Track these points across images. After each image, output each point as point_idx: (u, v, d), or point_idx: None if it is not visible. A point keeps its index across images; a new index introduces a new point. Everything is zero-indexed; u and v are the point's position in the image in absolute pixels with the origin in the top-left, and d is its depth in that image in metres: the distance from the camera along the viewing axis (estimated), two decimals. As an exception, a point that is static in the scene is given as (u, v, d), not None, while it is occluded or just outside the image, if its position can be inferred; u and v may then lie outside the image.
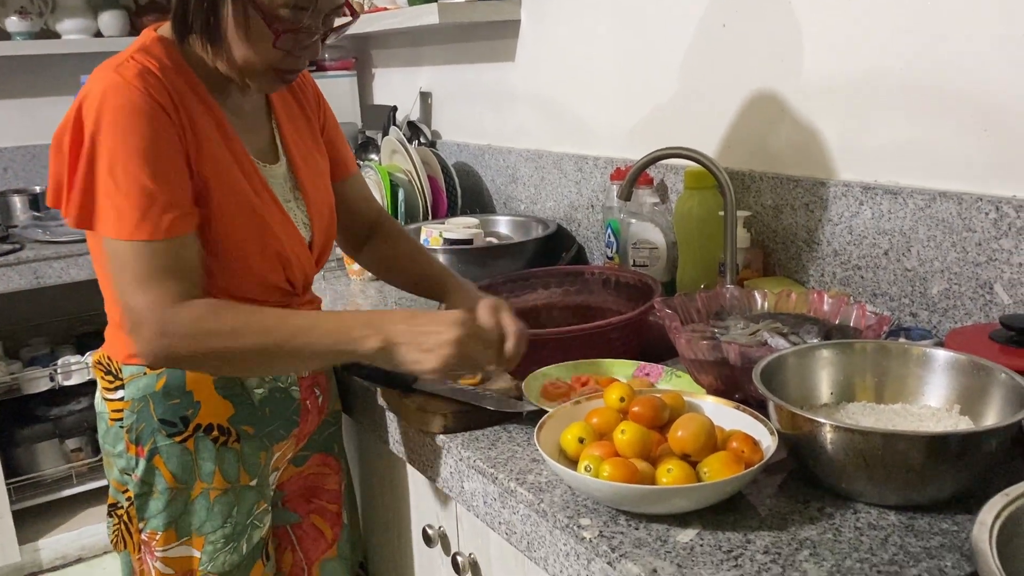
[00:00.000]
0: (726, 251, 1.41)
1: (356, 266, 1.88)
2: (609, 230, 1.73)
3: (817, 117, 1.40)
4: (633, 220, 1.67)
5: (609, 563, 0.86)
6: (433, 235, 1.85)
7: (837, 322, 1.24)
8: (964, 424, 0.98)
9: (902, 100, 1.28)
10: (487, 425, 1.14)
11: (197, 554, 1.16)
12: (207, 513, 1.16)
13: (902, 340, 1.21)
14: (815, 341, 1.18)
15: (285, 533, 1.32)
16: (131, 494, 1.15)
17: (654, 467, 0.92)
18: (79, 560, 2.63)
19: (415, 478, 1.29)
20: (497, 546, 1.12)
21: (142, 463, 1.14)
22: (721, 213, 1.48)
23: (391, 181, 2.02)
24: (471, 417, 1.14)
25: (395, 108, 2.37)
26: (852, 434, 0.86)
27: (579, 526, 0.90)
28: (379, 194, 2.03)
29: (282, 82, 1.11)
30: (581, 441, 0.98)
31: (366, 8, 2.36)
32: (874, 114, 1.32)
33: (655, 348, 1.55)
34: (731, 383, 1.15)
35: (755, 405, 1.07)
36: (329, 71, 2.56)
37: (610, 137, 1.82)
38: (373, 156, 2.27)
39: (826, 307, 1.27)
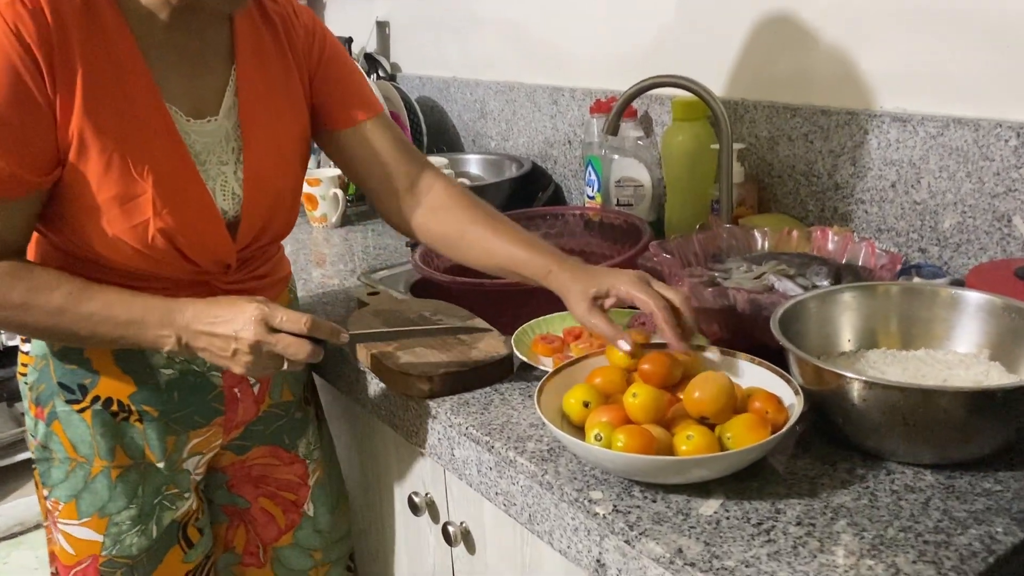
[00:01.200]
0: (721, 187, 1.31)
1: (318, 212, 1.76)
2: (590, 168, 1.63)
3: (817, 40, 1.30)
4: (616, 156, 1.57)
5: (627, 541, 0.78)
6: (400, 177, 1.73)
7: (844, 261, 1.16)
8: (996, 371, 0.90)
9: (910, 20, 1.18)
10: (476, 387, 1.05)
11: (98, 538, 1.06)
12: (109, 493, 1.05)
13: (917, 280, 1.13)
14: (826, 283, 1.09)
15: (236, 511, 1.21)
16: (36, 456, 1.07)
17: (670, 432, 0.84)
18: (38, 526, 2.52)
19: (398, 443, 1.20)
20: (493, 515, 1.04)
21: (42, 427, 1.05)
22: (714, 146, 1.38)
23: (352, 119, 1.88)
24: (459, 379, 1.04)
25: (350, 40, 2.21)
26: (889, 391, 0.79)
27: (590, 500, 0.82)
28: (339, 134, 1.89)
29: None
30: (586, 405, 0.89)
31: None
32: (879, 36, 1.22)
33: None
34: (738, 332, 1.07)
35: (766, 356, 0.99)
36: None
37: (588, 67, 1.70)
38: (330, 93, 2.12)
39: (831, 245, 1.19)
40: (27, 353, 1.07)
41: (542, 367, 1.06)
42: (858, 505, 0.78)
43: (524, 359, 1.07)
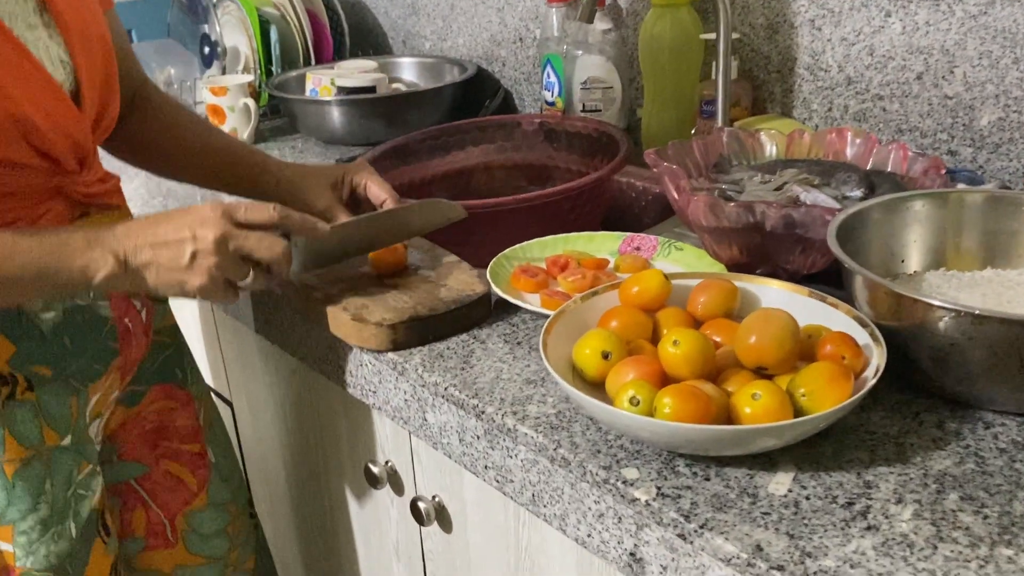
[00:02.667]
0: (717, 83, 1.11)
1: (227, 126, 1.49)
2: (548, 68, 1.40)
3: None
4: (580, 52, 1.35)
5: (682, 535, 0.59)
6: (323, 83, 1.47)
7: (869, 167, 0.98)
8: (1090, 293, 0.75)
9: None
10: (450, 334, 0.84)
11: (8, 547, 0.83)
12: (7, 495, 0.82)
13: (961, 185, 0.96)
14: (857, 194, 0.92)
15: (130, 489, 0.99)
16: None
17: (721, 389, 0.65)
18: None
19: (348, 403, 0.99)
20: (477, 489, 0.84)
21: None
22: (704, 36, 1.17)
23: (260, 18, 1.60)
24: (429, 325, 0.83)
25: (253, -73, 1.89)
26: (1008, 326, 0.61)
27: (624, 481, 0.63)
28: (246, 36, 1.61)
29: None
30: (606, 357, 0.69)
31: None
32: None
33: (616, 217, 1.27)
34: (761, 256, 0.89)
35: (787, 280, 0.81)
36: None
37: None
38: (233, -11, 1.81)
39: (851, 149, 1.01)
40: None
41: (529, 307, 0.85)
42: (964, 471, 0.62)
43: (506, 297, 0.87)
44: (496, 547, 0.85)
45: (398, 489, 0.96)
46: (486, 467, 0.76)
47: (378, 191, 0.93)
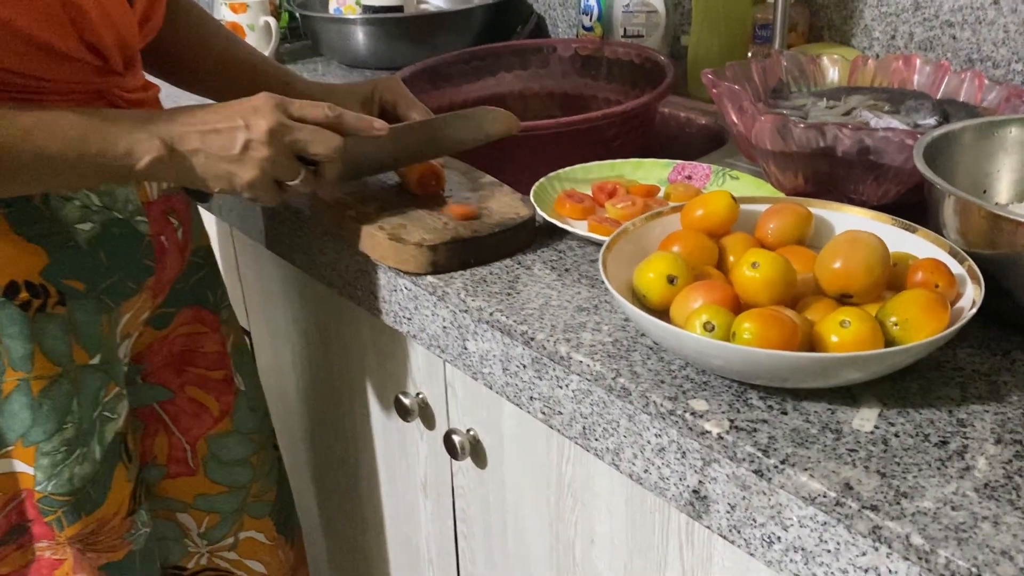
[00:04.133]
0: (777, 6, 1.04)
1: (247, 47, 1.41)
2: (587, -9, 1.32)
3: None
4: (623, -27, 1.27)
5: (759, 471, 0.54)
6: (347, 2, 1.40)
7: (939, 97, 0.92)
8: None
9: None
10: (493, 259, 0.79)
11: (28, 470, 0.78)
12: (32, 414, 0.77)
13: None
14: (931, 122, 0.86)
15: (153, 414, 0.94)
16: None
17: (803, 317, 0.60)
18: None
19: (377, 329, 0.94)
20: (517, 422, 0.79)
21: None
22: (762, -46, 1.10)
23: (282, -68, 1.52)
24: (471, 248, 0.77)
25: None
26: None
27: (693, 413, 0.58)
28: (267, -50, 1.52)
29: None
30: (672, 281, 0.63)
31: None
32: None
33: (663, 150, 1.20)
34: (828, 182, 0.83)
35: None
36: None
37: None
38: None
39: (920, 77, 0.94)
40: None
41: (578, 232, 0.80)
42: (1067, 412, 0.57)
43: (553, 221, 0.81)
44: (535, 483, 0.80)
45: (429, 423, 0.91)
46: (531, 398, 0.71)
47: (410, 107, 0.87)
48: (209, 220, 1.17)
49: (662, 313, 0.64)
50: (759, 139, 0.83)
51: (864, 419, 0.56)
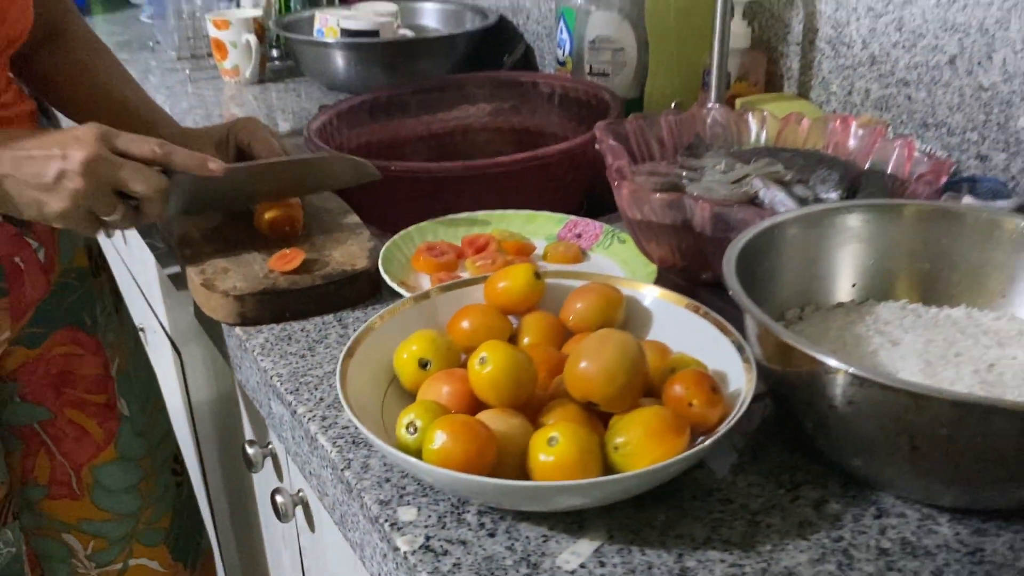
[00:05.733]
0: (712, 51, 0.95)
1: (228, 63, 1.42)
2: (562, 23, 1.26)
3: None
4: (594, 8, 1.19)
5: (432, 603, 0.48)
6: (329, 24, 1.38)
7: (868, 166, 0.81)
8: (1077, 355, 0.57)
9: None
10: (313, 313, 0.74)
11: None
12: None
13: (968, 200, 0.78)
14: (833, 196, 0.75)
15: (33, 433, 0.94)
16: None
17: (534, 424, 0.53)
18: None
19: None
20: (327, 492, 0.74)
21: None
22: (711, -4, 1.01)
23: (283, -49, 1.52)
24: (285, 300, 0.73)
25: None
26: (893, 395, 0.46)
27: (394, 524, 0.52)
28: (268, -32, 1.53)
29: None
30: (424, 366, 0.57)
31: None
32: None
33: (607, 192, 1.13)
34: (696, 258, 0.74)
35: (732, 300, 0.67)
36: None
37: None
38: (277, -79, 1.74)
39: (853, 141, 0.83)
40: None
41: (403, 291, 0.74)
42: (820, 573, 0.47)
43: (386, 279, 0.75)
44: (345, 558, 0.75)
45: (280, 475, 0.87)
46: (310, 473, 0.66)
47: (263, 149, 0.84)
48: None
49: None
50: (623, 205, 0.75)
51: (574, 554, 0.49)
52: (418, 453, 0.50)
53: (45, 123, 0.99)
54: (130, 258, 1.36)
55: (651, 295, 0.62)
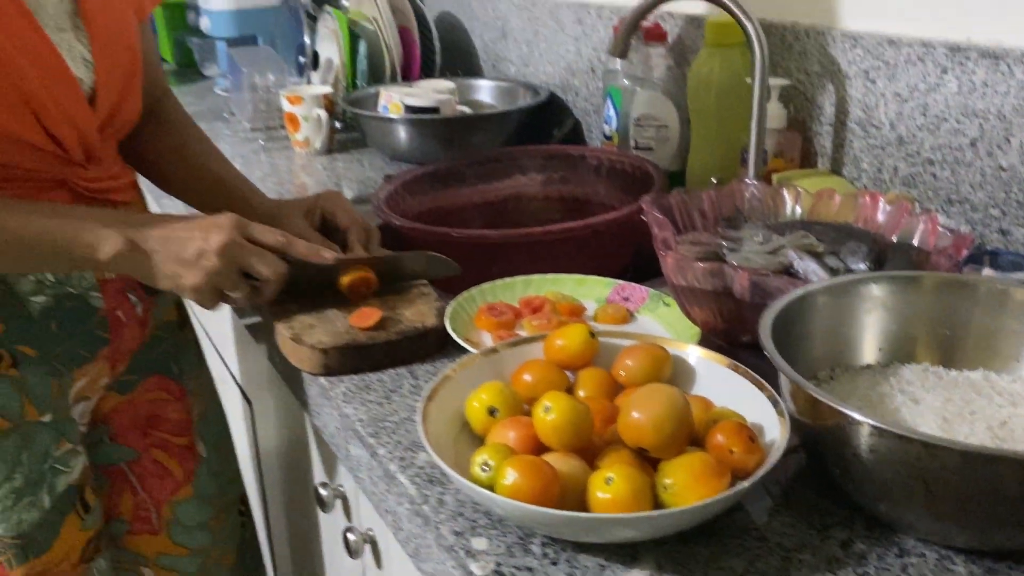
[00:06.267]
0: (751, 131, 1.04)
1: (300, 135, 1.54)
2: (609, 101, 1.35)
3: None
4: (639, 89, 1.29)
5: (502, 620, 0.55)
6: (393, 100, 1.49)
7: (895, 239, 0.88)
8: (1084, 415, 0.63)
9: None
10: (387, 366, 0.82)
11: None
12: None
13: (987, 272, 0.85)
14: (862, 267, 0.82)
15: (120, 472, 1.03)
16: None
17: (592, 467, 0.60)
18: None
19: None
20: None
21: None
22: (749, 80, 1.10)
23: (351, 31, 1.64)
24: (362, 355, 0.81)
25: (373, -56, 1.95)
26: (908, 444, 0.53)
27: (468, 551, 0.59)
28: (337, 48, 1.65)
29: None
30: (492, 413, 0.65)
31: None
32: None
33: (652, 258, 1.21)
34: (736, 322, 0.81)
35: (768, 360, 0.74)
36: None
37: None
38: (343, 1, 1.88)
39: (882, 216, 0.91)
40: None
41: (474, 350, 0.82)
42: (846, 604, 0.54)
43: (451, 334, 0.84)
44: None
45: (349, 514, 0.95)
46: (386, 510, 0.73)
47: (345, 218, 0.94)
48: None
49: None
50: (669, 272, 0.83)
51: (627, 581, 0.56)
52: (491, 489, 0.57)
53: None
54: (203, 314, 1.46)
55: (695, 354, 0.70)
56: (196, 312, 1.51)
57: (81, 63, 0.86)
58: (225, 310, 1.29)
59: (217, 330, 1.41)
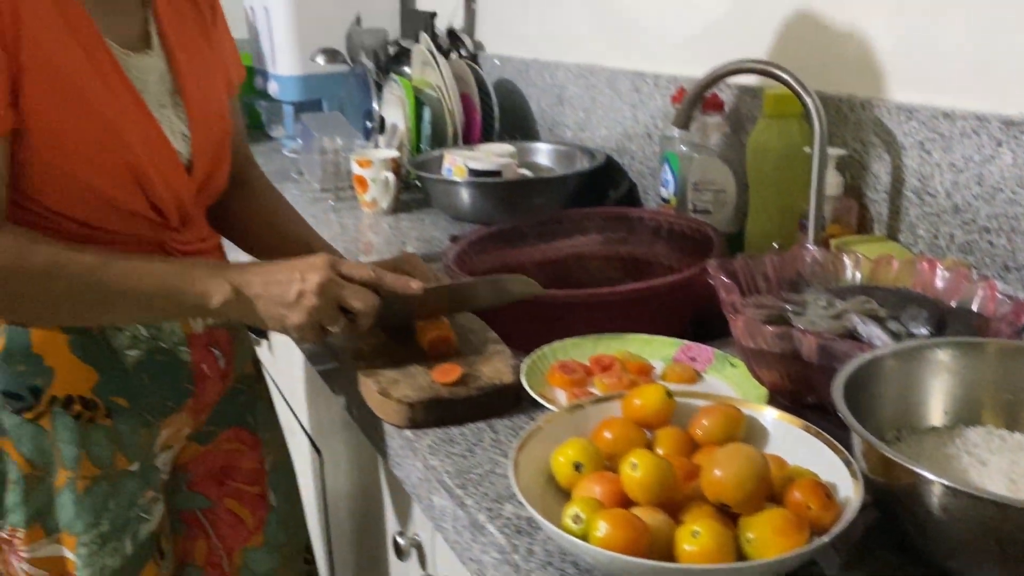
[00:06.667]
0: (810, 198, 1.08)
1: (368, 196, 1.61)
2: (667, 165, 1.41)
3: (945, 22, 1.05)
4: (696, 155, 1.35)
5: (594, 664, 0.58)
6: (456, 164, 1.56)
7: (954, 304, 0.91)
8: None
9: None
10: (468, 420, 0.87)
11: (71, 556, 0.93)
12: (76, 508, 0.92)
13: (1048, 337, 0.87)
14: (923, 332, 0.86)
15: (195, 519, 1.08)
16: None
17: (675, 520, 0.64)
18: None
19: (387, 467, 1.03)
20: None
21: None
22: (807, 149, 1.15)
23: (417, 98, 1.73)
24: (446, 408, 0.86)
25: (434, 14, 2.06)
26: (981, 504, 0.56)
27: (560, 598, 0.63)
28: (403, 114, 1.74)
29: None
30: (578, 468, 0.69)
31: None
32: (1029, 21, 0.96)
33: (711, 318, 1.25)
34: (804, 382, 0.85)
35: (834, 414, 0.77)
36: (368, -29, 2.24)
37: (675, 49, 1.48)
38: (406, 69, 1.97)
39: (940, 283, 0.94)
40: None
41: (550, 406, 0.86)
42: (922, 656, 0.56)
43: (529, 391, 0.88)
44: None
45: (424, 563, 0.99)
46: (470, 559, 0.77)
47: (423, 277, 1.00)
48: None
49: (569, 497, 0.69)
50: (738, 335, 0.87)
51: (712, 629, 0.59)
52: (583, 539, 0.61)
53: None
54: (274, 368, 1.52)
55: (771, 416, 0.74)
56: (267, 364, 1.57)
57: (180, 137, 0.95)
58: (298, 362, 1.36)
59: (287, 382, 1.47)
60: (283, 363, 1.48)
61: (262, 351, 1.53)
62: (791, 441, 0.72)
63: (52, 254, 0.83)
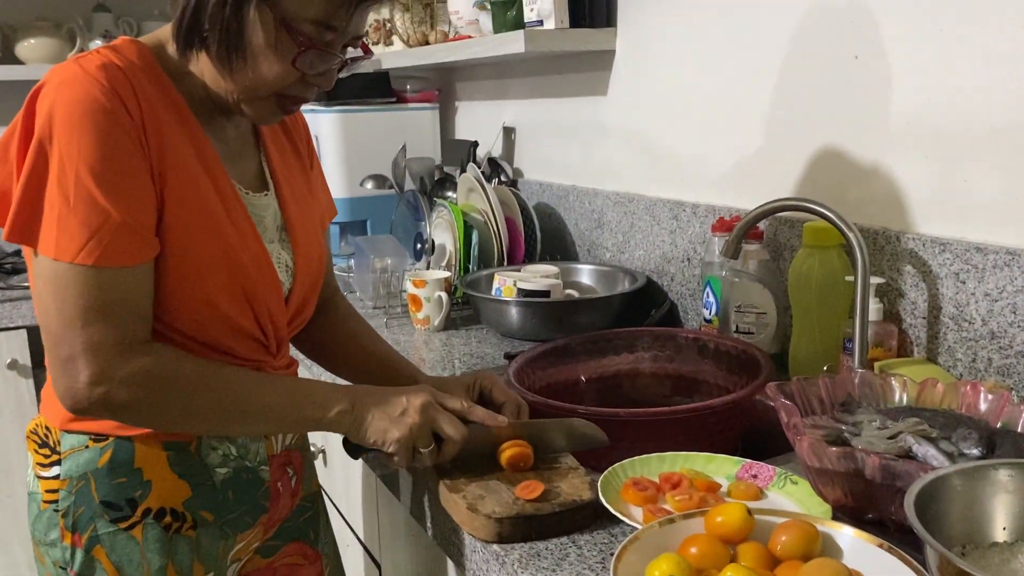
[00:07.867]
0: (855, 325, 1.16)
1: (421, 314, 1.70)
2: (708, 289, 1.50)
3: (972, 163, 1.15)
4: (737, 279, 1.44)
5: None
6: (507, 284, 1.65)
7: (999, 425, 0.98)
8: None
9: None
10: (552, 535, 0.93)
11: None
12: None
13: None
14: (975, 452, 0.92)
15: None
16: None
17: (769, 631, 0.69)
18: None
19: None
20: None
21: (79, 554, 0.97)
22: (848, 278, 1.23)
23: (465, 222, 1.84)
24: (533, 524, 0.92)
25: (476, 143, 2.19)
26: (1059, 616, 0.62)
27: None
28: (451, 236, 1.84)
29: (282, 112, 0.98)
30: (672, 581, 0.75)
31: (450, 36, 2.20)
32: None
33: (759, 436, 1.31)
34: (865, 500, 0.91)
35: (894, 530, 0.83)
36: (411, 103, 2.40)
37: (712, 181, 1.59)
38: (450, 194, 2.09)
39: (983, 405, 1.01)
40: (55, 478, 0.98)
41: (629, 522, 0.92)
42: None
43: (609, 508, 0.94)
44: None
45: (499, 675, 1.02)
46: (561, 668, 0.82)
47: (500, 394, 1.10)
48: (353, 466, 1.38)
49: (663, 608, 0.75)
50: (800, 454, 0.94)
51: None
52: (688, 648, 0.66)
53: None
54: (327, 481, 1.57)
55: (847, 533, 0.80)
56: (321, 479, 1.62)
57: (284, 269, 1.05)
58: (356, 472, 1.41)
59: (341, 495, 1.52)
60: (338, 473, 1.53)
61: (317, 465, 1.58)
62: (865, 556, 0.77)
63: (200, 368, 0.92)
